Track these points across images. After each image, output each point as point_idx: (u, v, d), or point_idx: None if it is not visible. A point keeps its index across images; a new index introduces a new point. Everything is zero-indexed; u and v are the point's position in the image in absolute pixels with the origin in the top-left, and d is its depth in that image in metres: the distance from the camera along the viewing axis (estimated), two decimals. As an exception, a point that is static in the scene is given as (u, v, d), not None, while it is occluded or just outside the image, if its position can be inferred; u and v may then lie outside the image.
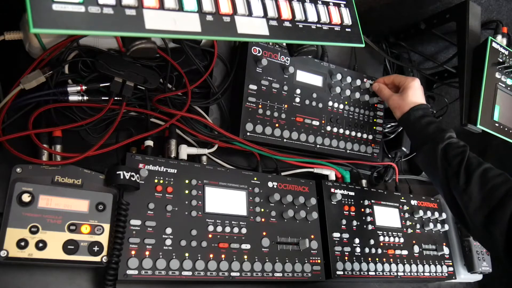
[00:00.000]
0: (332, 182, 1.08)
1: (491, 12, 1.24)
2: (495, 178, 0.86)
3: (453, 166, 0.89)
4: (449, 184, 0.90)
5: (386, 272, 1.05)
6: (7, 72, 0.78)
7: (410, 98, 1.02)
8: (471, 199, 0.85)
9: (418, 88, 1.04)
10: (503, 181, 0.85)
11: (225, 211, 0.89)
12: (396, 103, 1.04)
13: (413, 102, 1.01)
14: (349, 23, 0.78)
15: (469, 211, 0.86)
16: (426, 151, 0.95)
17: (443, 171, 0.91)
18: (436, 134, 0.94)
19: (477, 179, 0.86)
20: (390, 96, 1.07)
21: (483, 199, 0.84)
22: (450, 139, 0.93)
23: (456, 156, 0.90)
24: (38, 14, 0.47)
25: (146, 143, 0.88)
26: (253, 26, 0.65)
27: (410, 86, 1.03)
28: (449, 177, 0.90)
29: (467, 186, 0.86)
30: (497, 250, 0.83)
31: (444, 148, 0.92)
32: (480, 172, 0.86)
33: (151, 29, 0.55)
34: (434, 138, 0.93)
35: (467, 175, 0.87)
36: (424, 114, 0.99)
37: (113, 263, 0.74)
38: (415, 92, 1.03)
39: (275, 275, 0.89)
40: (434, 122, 0.97)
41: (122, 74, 0.83)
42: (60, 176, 0.75)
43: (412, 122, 0.99)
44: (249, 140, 0.96)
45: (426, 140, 0.95)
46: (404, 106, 1.01)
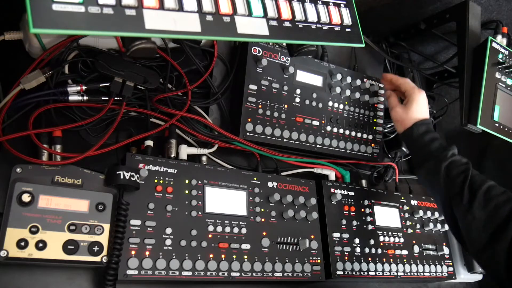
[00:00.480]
0: (332, 182, 1.08)
1: (491, 12, 1.24)
2: (498, 196, 0.85)
3: (456, 184, 0.88)
4: (451, 202, 0.89)
5: (386, 272, 1.05)
6: (7, 72, 0.78)
7: (414, 112, 1.00)
8: (474, 218, 0.84)
9: (424, 102, 1.02)
10: (507, 200, 0.84)
11: (225, 211, 0.89)
12: (399, 116, 1.02)
13: (417, 117, 0.99)
14: (349, 23, 0.78)
15: (472, 229, 0.85)
16: (428, 168, 0.94)
17: (446, 189, 0.90)
18: (440, 152, 0.93)
19: (481, 198, 0.85)
20: (395, 107, 1.05)
21: (487, 218, 0.83)
22: (453, 157, 0.92)
23: (460, 175, 0.89)
24: (38, 14, 0.47)
25: (146, 143, 0.88)
26: (253, 26, 0.65)
27: (416, 100, 1.01)
28: (452, 195, 0.89)
29: (471, 205, 0.85)
30: (498, 269, 0.81)
31: (447, 166, 0.91)
32: (483, 190, 0.86)
33: (151, 29, 0.55)
34: (437, 155, 0.92)
35: (471, 194, 0.86)
36: (427, 130, 0.97)
37: (113, 263, 0.74)
38: (420, 106, 1.01)
39: (275, 275, 0.89)
40: (437, 139, 0.96)
41: (122, 74, 0.83)
42: (60, 176, 0.75)
43: (414, 138, 0.98)
44: (249, 140, 0.96)
45: (429, 157, 0.94)
46: (407, 120, 1.00)
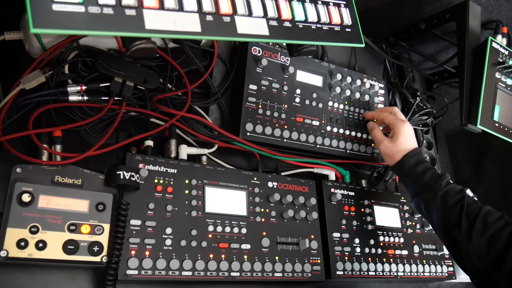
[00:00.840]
0: (332, 182, 1.07)
1: (491, 12, 1.24)
2: (495, 223, 0.85)
3: (453, 214, 0.89)
4: (451, 231, 0.89)
5: (386, 272, 1.05)
6: (7, 72, 0.78)
7: (402, 144, 0.99)
8: (475, 247, 0.85)
9: (409, 132, 1.01)
10: (504, 225, 0.85)
11: (225, 211, 0.89)
12: (389, 150, 1.01)
13: (406, 149, 0.98)
14: (349, 23, 0.78)
15: (472, 258, 0.85)
16: (424, 200, 0.94)
17: (443, 219, 0.91)
18: (433, 183, 0.93)
19: (479, 227, 0.85)
20: (382, 141, 1.03)
21: (486, 246, 0.84)
22: (448, 186, 0.92)
23: (456, 204, 0.90)
24: (38, 14, 0.47)
25: (146, 143, 0.88)
26: (253, 26, 0.65)
27: (401, 132, 1.00)
28: (450, 225, 0.89)
29: (470, 235, 0.85)
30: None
31: (442, 196, 0.91)
32: (481, 218, 0.86)
33: (151, 29, 0.55)
34: (431, 187, 0.93)
35: (469, 223, 0.87)
36: (418, 161, 0.97)
37: (113, 263, 0.74)
38: (407, 137, 1.00)
39: (275, 275, 0.89)
40: (430, 169, 0.96)
41: (122, 74, 0.83)
42: (60, 176, 0.75)
43: (406, 171, 0.97)
44: (249, 140, 0.96)
45: (424, 189, 0.94)
46: (396, 154, 0.99)
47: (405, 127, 1.01)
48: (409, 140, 1.00)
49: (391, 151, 1.00)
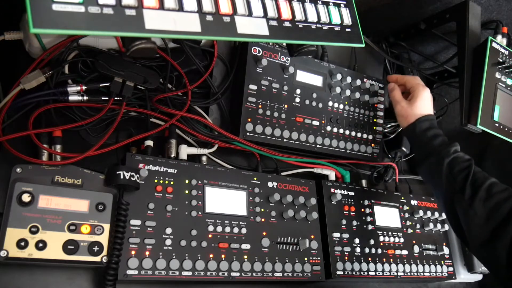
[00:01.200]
0: (332, 182, 1.08)
1: (491, 12, 1.24)
2: (500, 193, 0.85)
3: (458, 181, 0.89)
4: (453, 198, 0.89)
5: (386, 272, 1.05)
6: (7, 72, 0.78)
7: (418, 108, 1.01)
8: (476, 214, 0.85)
9: (428, 98, 1.03)
10: (508, 197, 0.85)
11: (225, 211, 0.89)
12: (404, 112, 1.02)
13: (420, 113, 1.00)
14: (349, 23, 0.78)
15: (473, 225, 0.85)
16: (431, 164, 0.94)
17: (448, 185, 0.91)
18: (442, 148, 0.93)
19: (482, 194, 0.85)
20: (399, 102, 1.05)
21: (488, 214, 0.84)
22: (456, 153, 0.92)
23: (462, 171, 0.90)
24: (38, 14, 0.47)
25: (146, 143, 0.88)
26: (253, 26, 0.65)
27: (420, 96, 1.02)
28: (454, 191, 0.89)
29: (472, 201, 0.86)
30: (499, 266, 0.82)
31: (450, 162, 0.91)
32: (485, 187, 0.86)
33: (151, 29, 0.55)
34: (439, 152, 0.93)
35: (473, 190, 0.87)
36: (430, 126, 0.98)
37: (113, 263, 0.74)
38: (424, 102, 1.02)
39: (275, 275, 0.89)
40: (440, 135, 0.96)
41: (122, 74, 0.83)
42: (60, 176, 0.75)
43: (417, 134, 0.98)
44: (249, 140, 0.96)
45: (432, 153, 0.94)
46: (411, 116, 1.01)
47: (425, 92, 1.03)
48: (427, 105, 1.02)
49: (406, 113, 1.02)
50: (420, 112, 1.00)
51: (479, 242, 0.85)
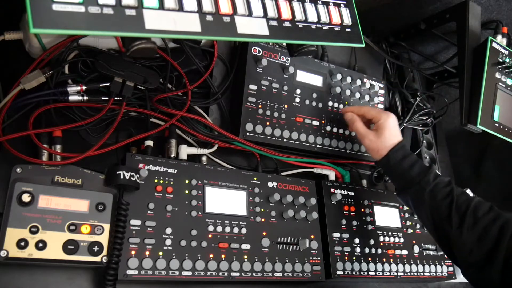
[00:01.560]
0: (332, 182, 1.07)
1: (491, 12, 1.24)
2: (486, 216, 0.85)
3: (443, 209, 0.88)
4: (442, 228, 0.88)
5: (386, 272, 1.05)
6: (7, 72, 0.78)
7: (388, 139, 0.96)
8: (466, 243, 0.84)
9: (394, 124, 0.98)
10: (494, 218, 0.84)
11: (225, 211, 0.89)
12: (374, 145, 0.97)
13: (392, 143, 0.96)
14: (349, 23, 0.78)
15: (464, 253, 0.84)
16: (411, 194, 0.93)
17: (433, 214, 0.89)
18: (421, 177, 0.91)
19: (470, 221, 0.84)
20: (366, 136, 0.99)
21: (478, 240, 0.83)
22: (436, 180, 0.90)
23: (445, 198, 0.88)
24: (38, 14, 0.47)
25: (146, 143, 0.88)
26: (253, 26, 0.65)
27: (387, 126, 0.97)
28: (441, 220, 0.88)
29: (461, 229, 0.84)
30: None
31: (431, 191, 0.90)
32: (471, 212, 0.85)
33: (151, 29, 0.55)
34: (419, 182, 0.91)
35: (459, 218, 0.86)
36: (404, 155, 0.95)
37: (113, 263, 0.74)
38: (392, 131, 0.97)
39: (275, 275, 0.89)
40: (416, 162, 0.94)
41: (122, 74, 0.83)
42: (60, 176, 0.75)
43: (393, 166, 0.95)
44: (249, 140, 0.96)
45: (411, 184, 0.92)
46: (382, 149, 0.96)
47: (390, 119, 0.98)
48: (395, 133, 0.98)
49: (377, 146, 0.97)
50: (391, 143, 0.96)
51: (472, 268, 0.84)
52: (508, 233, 0.81)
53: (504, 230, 0.82)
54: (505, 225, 0.82)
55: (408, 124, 1.28)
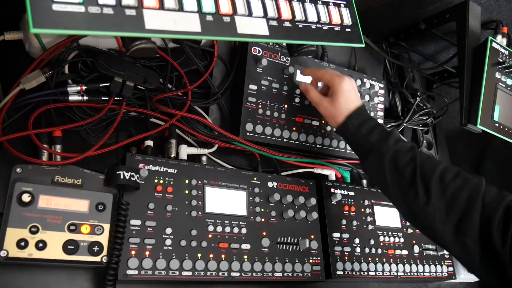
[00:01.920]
0: (332, 182, 1.07)
1: (491, 12, 1.24)
2: (453, 181, 0.78)
3: (406, 177, 0.81)
4: (406, 197, 0.81)
5: (386, 272, 1.05)
6: (7, 72, 0.78)
7: (343, 104, 0.89)
8: (436, 211, 0.77)
9: (349, 88, 0.91)
10: (462, 184, 0.77)
11: (225, 211, 0.89)
12: (329, 112, 0.92)
13: (347, 109, 0.89)
14: (349, 23, 0.78)
15: (436, 224, 0.77)
16: (371, 163, 0.87)
17: (396, 183, 0.82)
18: (380, 143, 0.84)
19: (436, 188, 0.78)
20: (320, 103, 0.93)
21: (447, 208, 0.76)
22: (396, 145, 0.83)
23: (408, 165, 0.81)
24: (38, 14, 0.47)
25: (146, 143, 0.88)
26: (253, 26, 0.65)
27: (339, 91, 0.90)
28: (405, 189, 0.81)
29: (428, 197, 0.78)
30: (473, 262, 0.75)
31: (392, 157, 0.83)
32: (437, 178, 0.78)
33: (151, 29, 0.55)
34: (379, 148, 0.84)
35: (425, 185, 0.78)
36: (362, 121, 0.88)
37: (113, 263, 0.74)
38: (347, 95, 0.90)
39: (275, 275, 0.89)
40: (375, 128, 0.87)
41: (122, 74, 0.83)
42: (60, 176, 0.75)
43: (350, 134, 0.89)
44: (249, 140, 0.96)
45: (371, 151, 0.86)
46: (338, 115, 0.90)
47: (344, 83, 0.90)
48: (350, 99, 0.90)
49: (331, 113, 0.91)
50: (347, 108, 0.89)
51: (446, 238, 0.77)
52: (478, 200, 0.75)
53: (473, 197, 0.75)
54: (473, 192, 0.76)
55: (408, 124, 1.28)
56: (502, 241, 0.70)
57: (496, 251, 0.71)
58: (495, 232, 0.71)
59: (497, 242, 0.71)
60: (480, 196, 0.75)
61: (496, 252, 0.71)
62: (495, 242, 0.71)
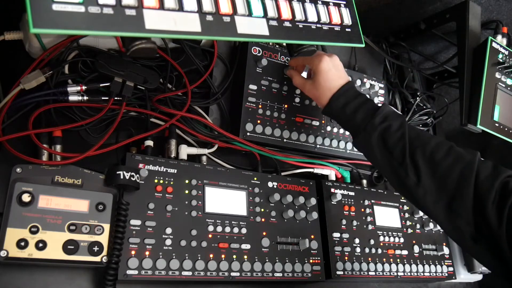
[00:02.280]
0: (332, 182, 1.07)
1: (491, 12, 1.24)
2: (443, 159, 0.74)
3: (396, 156, 0.77)
4: (397, 176, 0.78)
5: (386, 272, 1.05)
6: (7, 72, 0.78)
7: (324, 85, 0.86)
8: (426, 192, 0.74)
9: (329, 68, 0.86)
10: (453, 162, 0.73)
11: (225, 211, 0.89)
12: (313, 94, 0.89)
13: (329, 89, 0.85)
14: (349, 23, 0.78)
15: (428, 204, 0.75)
16: (360, 143, 0.84)
17: (387, 162, 0.79)
18: (366, 122, 0.81)
19: (426, 167, 0.74)
20: (303, 86, 0.91)
21: (437, 189, 0.73)
22: (384, 123, 0.80)
23: (397, 143, 0.78)
24: (38, 14, 0.47)
25: (146, 143, 0.88)
26: (253, 26, 0.65)
27: (319, 71, 0.86)
28: (395, 168, 0.78)
29: (419, 178, 0.75)
30: (467, 243, 0.72)
31: (379, 136, 0.80)
32: (427, 157, 0.75)
33: (151, 29, 0.55)
34: (365, 127, 0.81)
35: (415, 165, 0.75)
36: (346, 100, 0.84)
37: (113, 263, 0.74)
38: (328, 75, 0.86)
39: (275, 275, 0.89)
40: (361, 107, 0.83)
41: (122, 74, 0.83)
42: (60, 176, 0.75)
43: (336, 114, 0.86)
44: (249, 140, 0.96)
45: (357, 131, 0.83)
46: (322, 97, 0.87)
47: (322, 63, 0.86)
48: (331, 77, 0.86)
49: (314, 95, 0.89)
50: (329, 88, 0.85)
51: (440, 219, 0.75)
52: (470, 178, 0.71)
53: (466, 175, 0.72)
54: (466, 170, 0.72)
55: (408, 124, 1.28)
56: (498, 221, 0.67)
57: (492, 231, 0.67)
58: (490, 212, 0.68)
59: (493, 221, 0.67)
60: (473, 173, 0.71)
61: (492, 232, 0.67)
62: (491, 221, 0.67)
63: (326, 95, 0.86)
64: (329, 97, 0.86)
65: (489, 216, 0.68)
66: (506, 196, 0.68)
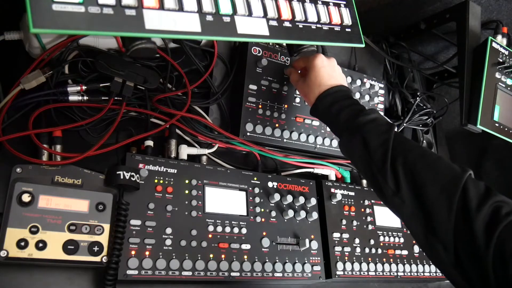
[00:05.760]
0: (332, 182, 1.07)
1: (491, 12, 1.24)
2: (426, 170, 0.67)
3: (376, 161, 0.72)
4: (376, 182, 0.73)
5: (386, 272, 1.05)
6: (7, 72, 0.78)
7: (315, 81, 0.83)
8: (404, 203, 0.68)
9: (322, 65, 0.84)
10: (437, 174, 0.66)
11: (225, 211, 0.89)
12: (303, 92, 0.88)
13: (319, 85, 0.83)
14: (349, 23, 0.78)
15: (404, 217, 0.69)
16: (342, 144, 0.81)
17: (367, 166, 0.74)
18: (349, 123, 0.77)
19: (404, 176, 0.68)
20: (297, 83, 0.90)
21: (415, 203, 0.67)
22: (368, 125, 0.75)
23: (378, 148, 0.72)
24: (38, 14, 0.47)
25: (146, 143, 0.88)
26: (253, 26, 0.65)
27: (311, 66, 0.85)
28: (375, 174, 0.72)
29: (397, 187, 0.69)
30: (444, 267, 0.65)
31: (362, 139, 0.75)
32: (408, 165, 0.69)
33: (151, 29, 0.55)
34: (347, 127, 0.77)
35: (395, 173, 0.69)
36: (333, 100, 0.81)
37: (113, 263, 0.74)
38: (319, 71, 0.83)
39: (275, 275, 0.89)
40: (347, 107, 0.79)
41: (122, 74, 0.83)
42: (60, 176, 0.75)
43: (321, 114, 0.83)
44: (249, 140, 0.96)
45: (341, 132, 0.80)
46: (310, 95, 0.84)
47: (317, 58, 0.84)
48: (323, 74, 0.83)
49: (304, 93, 0.87)
50: (319, 85, 0.83)
51: (417, 238, 0.68)
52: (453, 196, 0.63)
53: (448, 189, 0.64)
54: (449, 184, 0.65)
55: (408, 124, 1.28)
56: (486, 240, 0.58)
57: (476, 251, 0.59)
58: (477, 229, 0.59)
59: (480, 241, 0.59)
60: (458, 189, 0.63)
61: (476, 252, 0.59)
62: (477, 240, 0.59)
63: (315, 92, 0.84)
64: (317, 96, 0.83)
65: (476, 235, 0.59)
66: (499, 219, 0.59)
